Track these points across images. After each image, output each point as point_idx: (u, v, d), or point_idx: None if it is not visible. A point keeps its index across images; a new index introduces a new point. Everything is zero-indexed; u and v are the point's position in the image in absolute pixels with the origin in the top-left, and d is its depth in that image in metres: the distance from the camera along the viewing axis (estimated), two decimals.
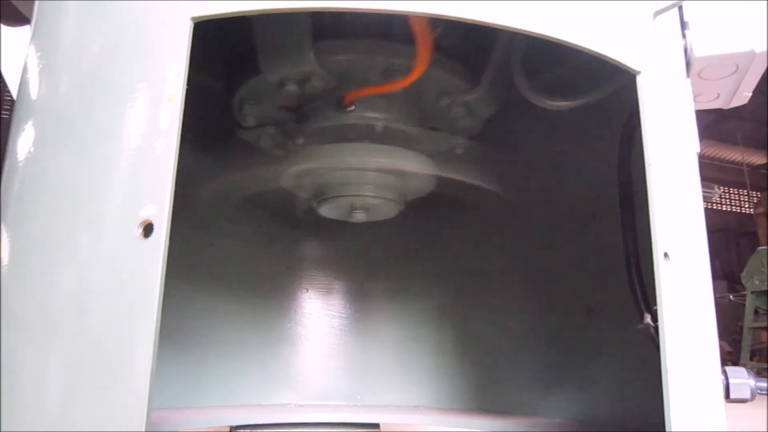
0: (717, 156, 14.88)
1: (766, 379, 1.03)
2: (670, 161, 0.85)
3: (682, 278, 0.78)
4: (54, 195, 0.69)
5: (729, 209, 16.43)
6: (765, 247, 9.42)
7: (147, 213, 0.65)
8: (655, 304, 1.17)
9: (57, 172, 0.70)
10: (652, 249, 0.81)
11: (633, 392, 1.42)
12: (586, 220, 1.55)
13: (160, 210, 0.65)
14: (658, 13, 0.90)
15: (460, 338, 1.81)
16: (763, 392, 1.03)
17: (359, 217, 1.38)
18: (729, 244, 14.69)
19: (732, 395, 0.97)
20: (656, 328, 0.97)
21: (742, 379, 0.98)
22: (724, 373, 0.96)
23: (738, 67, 1.12)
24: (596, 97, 1.21)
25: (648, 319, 0.89)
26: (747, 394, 0.99)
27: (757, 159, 15.64)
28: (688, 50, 1.06)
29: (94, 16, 0.71)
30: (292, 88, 1.19)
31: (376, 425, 1.69)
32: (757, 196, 15.57)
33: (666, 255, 0.77)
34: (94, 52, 0.73)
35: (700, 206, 0.91)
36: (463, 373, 1.78)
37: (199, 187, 1.46)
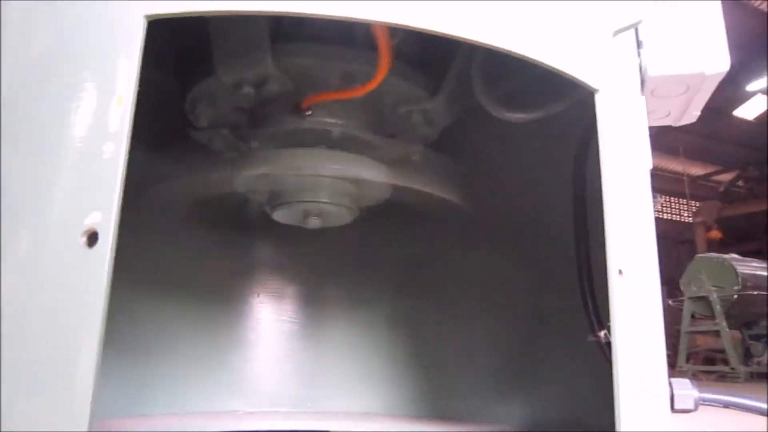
0: (659, 166, 15.52)
1: (709, 389, 1.06)
2: (625, 178, 0.86)
3: (635, 294, 0.80)
4: None
5: (669, 217, 17.14)
6: (702, 255, 9.86)
7: (92, 221, 0.61)
8: (605, 317, 1.20)
9: None
10: (604, 262, 0.83)
11: (582, 399, 1.45)
12: (541, 228, 1.58)
13: (107, 218, 0.61)
14: (617, 32, 0.92)
15: (413, 345, 1.81)
16: (707, 403, 1.06)
17: (314, 223, 1.35)
18: (668, 251, 15.32)
19: (676, 406, 1.00)
20: (609, 343, 0.99)
21: (686, 390, 1.01)
22: (670, 384, 0.99)
23: (688, 88, 1.15)
24: (554, 111, 1.23)
25: (602, 333, 0.90)
26: (691, 405, 1.02)
27: (696, 170, 16.37)
28: (643, 69, 1.09)
29: (41, 10, 0.67)
30: (248, 90, 1.16)
31: None
32: (695, 206, 16.31)
33: (620, 272, 0.78)
34: (40, 48, 0.68)
35: (651, 222, 0.93)
36: (415, 380, 1.78)
37: (147, 188, 1.40)
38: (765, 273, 9.22)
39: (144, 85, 0.67)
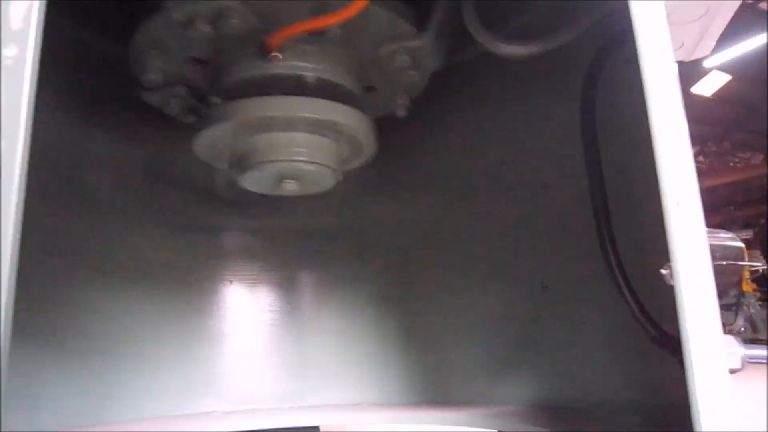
0: None
1: (757, 346, 0.95)
2: (666, 103, 0.73)
3: (692, 226, 0.67)
4: None
5: None
6: None
7: None
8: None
9: None
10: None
11: (591, 370, 1.34)
12: (537, 193, 1.44)
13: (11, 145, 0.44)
14: None
15: (403, 327, 1.66)
16: (753, 360, 0.95)
17: (290, 188, 1.15)
18: None
19: None
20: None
21: (733, 348, 0.90)
22: None
23: (708, 10, 1.03)
24: (553, 45, 1.08)
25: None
26: (738, 364, 0.91)
27: None
28: None
29: None
30: (203, 28, 0.97)
31: (316, 428, 1.52)
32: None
33: (678, 202, 0.65)
34: None
35: (689, 150, 0.80)
36: (408, 364, 1.63)
37: (92, 165, 1.21)
38: (732, 243, 9.40)
39: (77, 48, 0.50)
